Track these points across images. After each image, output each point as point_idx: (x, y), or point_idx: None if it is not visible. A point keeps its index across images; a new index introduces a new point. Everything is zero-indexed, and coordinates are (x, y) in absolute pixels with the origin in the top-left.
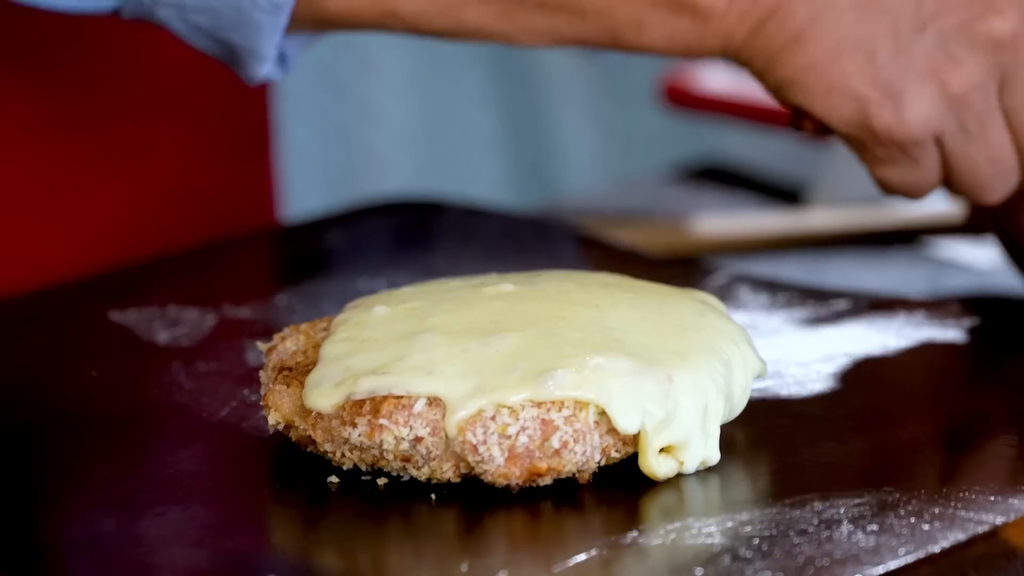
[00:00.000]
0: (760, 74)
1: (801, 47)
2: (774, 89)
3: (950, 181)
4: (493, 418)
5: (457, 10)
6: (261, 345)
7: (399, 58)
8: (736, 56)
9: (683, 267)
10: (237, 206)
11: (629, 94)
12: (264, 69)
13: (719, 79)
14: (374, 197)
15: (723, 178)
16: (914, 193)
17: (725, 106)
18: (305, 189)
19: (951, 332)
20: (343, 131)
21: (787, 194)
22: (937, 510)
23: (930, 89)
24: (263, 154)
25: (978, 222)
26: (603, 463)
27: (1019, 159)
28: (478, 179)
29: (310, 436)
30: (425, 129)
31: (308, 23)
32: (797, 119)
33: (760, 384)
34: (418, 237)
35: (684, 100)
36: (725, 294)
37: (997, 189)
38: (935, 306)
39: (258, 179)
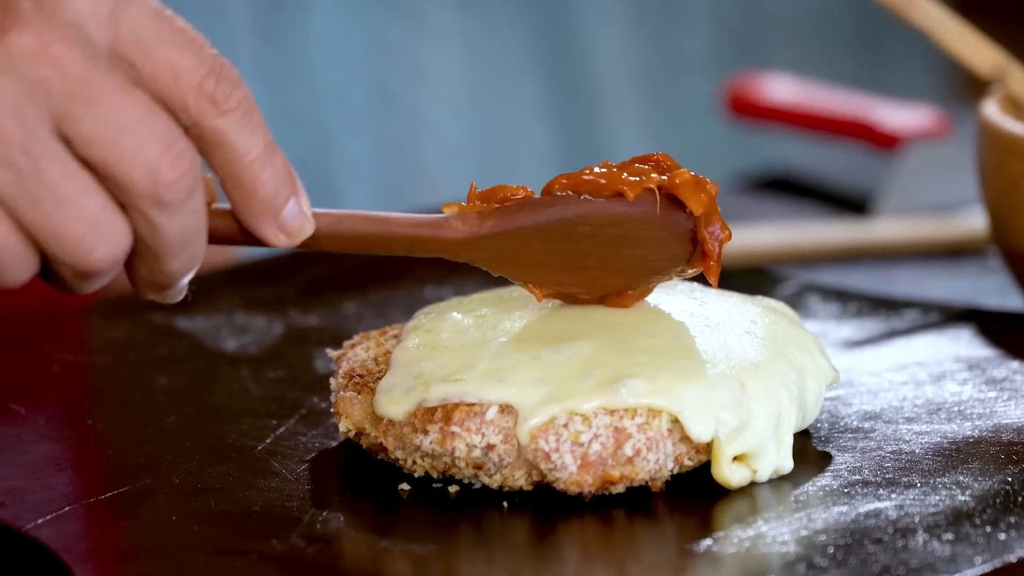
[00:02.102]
0: None
1: None
2: None
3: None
4: (566, 425)
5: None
6: (331, 352)
7: (453, 71)
8: None
9: (752, 276)
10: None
11: (683, 107)
12: None
13: (784, 89)
14: (438, 206)
15: (789, 188)
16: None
17: (790, 116)
18: (358, 202)
19: (1020, 342)
20: (396, 144)
21: (854, 204)
22: (1013, 519)
23: None
24: None
25: None
26: (676, 471)
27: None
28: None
29: (381, 443)
30: (478, 142)
31: None
32: None
33: (832, 393)
34: None
35: (749, 110)
36: (795, 303)
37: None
38: (1006, 317)
39: None
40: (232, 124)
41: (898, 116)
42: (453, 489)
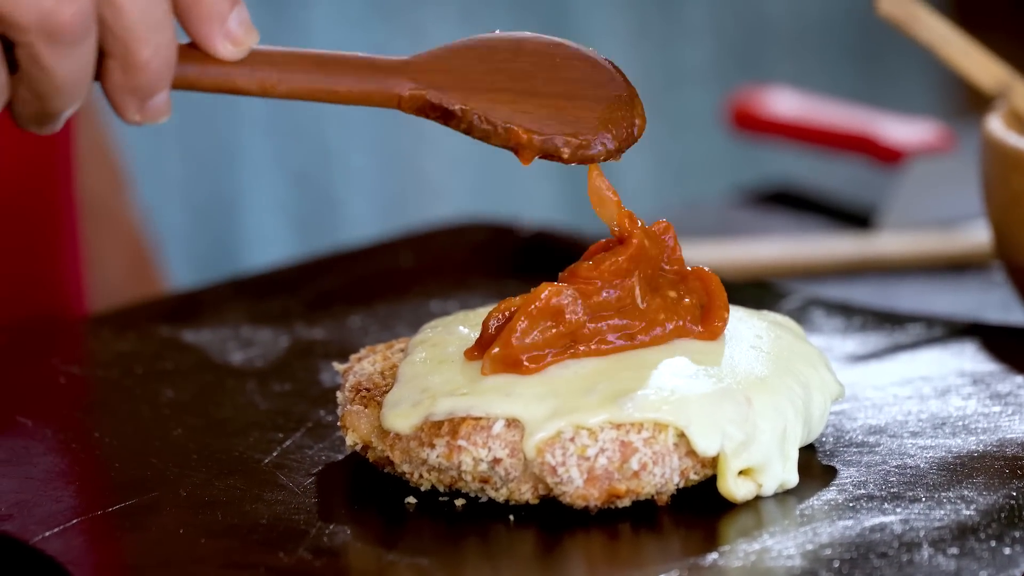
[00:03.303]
0: None
1: None
2: None
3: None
4: (572, 439)
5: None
6: (337, 366)
7: None
8: None
9: (755, 290)
10: (28, 288)
11: (684, 120)
12: None
13: (787, 103)
14: (442, 219)
15: (791, 202)
16: None
17: (793, 130)
18: (359, 215)
19: None
20: (397, 156)
21: (857, 218)
22: (1017, 533)
23: None
24: (60, 236)
25: None
26: (682, 485)
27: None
28: (531, 203)
29: (388, 457)
30: (478, 154)
31: None
32: None
33: (837, 407)
34: (490, 258)
35: (752, 124)
36: (799, 317)
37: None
38: (1010, 331)
39: (55, 260)
40: None
41: (901, 130)
42: (459, 503)
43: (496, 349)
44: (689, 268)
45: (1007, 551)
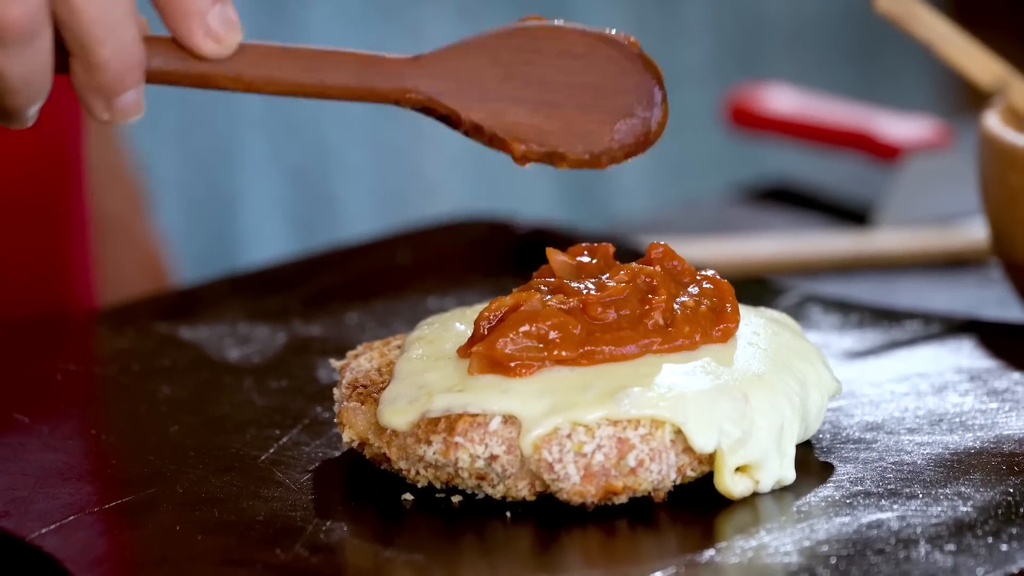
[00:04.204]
0: None
1: None
2: None
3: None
4: (569, 436)
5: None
6: (334, 363)
7: None
8: None
9: (753, 287)
10: (36, 288)
11: (682, 118)
12: None
13: (785, 100)
14: (440, 216)
15: (789, 199)
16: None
17: (790, 127)
18: (357, 212)
19: (1022, 353)
20: (395, 153)
21: (854, 215)
22: (1015, 530)
23: None
24: (70, 237)
25: None
26: (679, 482)
27: None
28: (529, 201)
29: (384, 454)
30: (476, 151)
31: None
32: None
33: (834, 404)
34: (487, 255)
35: (749, 121)
36: (796, 314)
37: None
38: (1007, 328)
39: (63, 261)
40: None
41: (899, 127)
42: (456, 499)
43: (479, 348)
44: (699, 276)
45: (1004, 547)
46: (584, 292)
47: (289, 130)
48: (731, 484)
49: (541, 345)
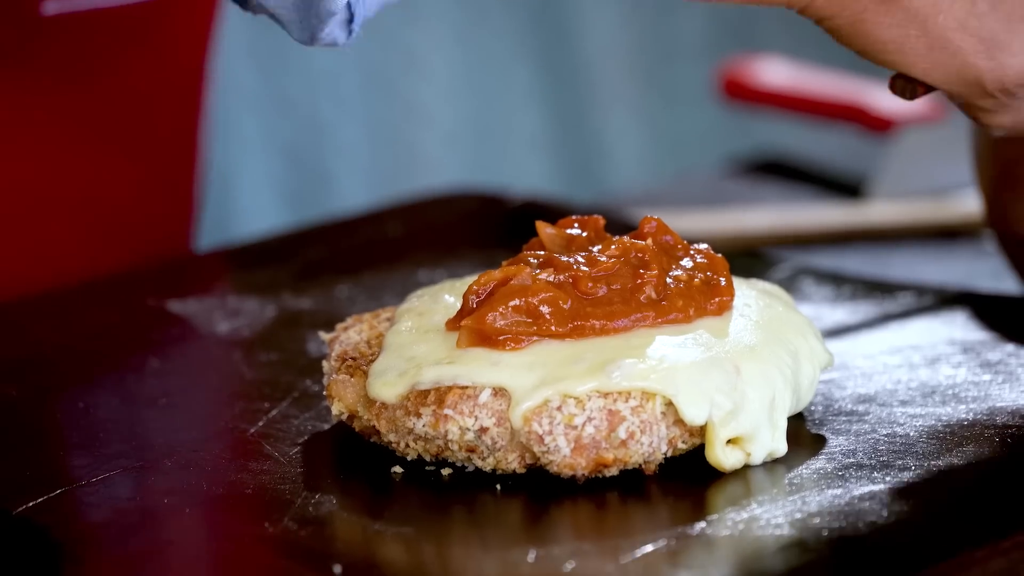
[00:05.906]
0: (841, 32)
1: (896, 3)
2: (861, 50)
3: None
4: (559, 408)
5: None
6: (323, 335)
7: (445, 57)
8: (808, 10)
9: (746, 259)
10: (151, 231)
11: (676, 92)
12: (329, 28)
13: (778, 73)
14: (432, 188)
15: (782, 172)
16: None
17: (784, 100)
18: (351, 188)
19: (1014, 326)
20: (389, 131)
21: (847, 188)
22: (1007, 502)
23: None
24: (186, 183)
25: None
26: (670, 454)
27: None
28: (525, 176)
29: (374, 426)
30: (471, 129)
31: None
32: (895, 82)
33: (827, 376)
34: (478, 228)
35: (742, 94)
36: (789, 286)
37: None
38: (1000, 300)
39: (178, 207)
40: None
41: (892, 100)
42: (446, 472)
43: (467, 322)
44: (693, 249)
45: (996, 519)
46: (574, 266)
47: (283, 107)
48: (722, 456)
49: (531, 320)
